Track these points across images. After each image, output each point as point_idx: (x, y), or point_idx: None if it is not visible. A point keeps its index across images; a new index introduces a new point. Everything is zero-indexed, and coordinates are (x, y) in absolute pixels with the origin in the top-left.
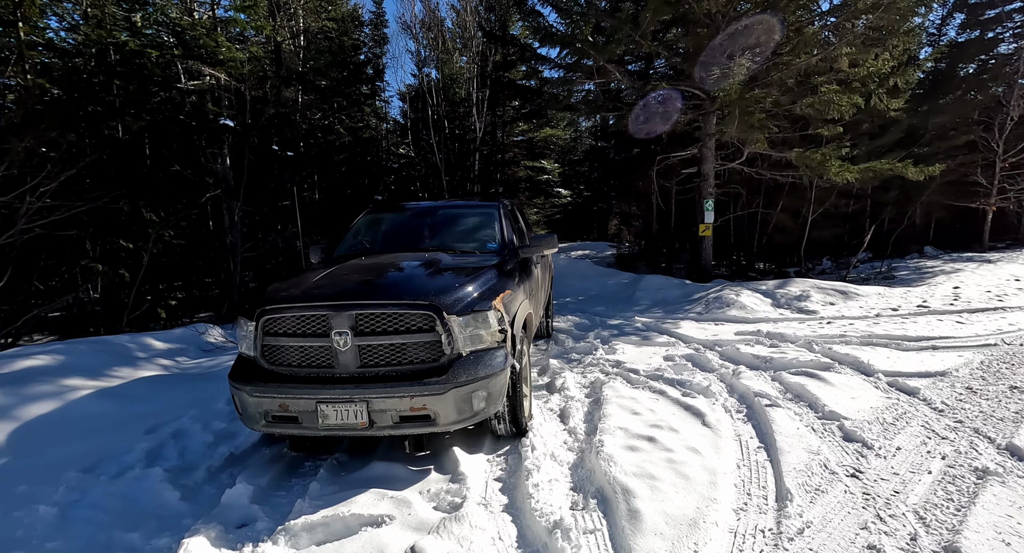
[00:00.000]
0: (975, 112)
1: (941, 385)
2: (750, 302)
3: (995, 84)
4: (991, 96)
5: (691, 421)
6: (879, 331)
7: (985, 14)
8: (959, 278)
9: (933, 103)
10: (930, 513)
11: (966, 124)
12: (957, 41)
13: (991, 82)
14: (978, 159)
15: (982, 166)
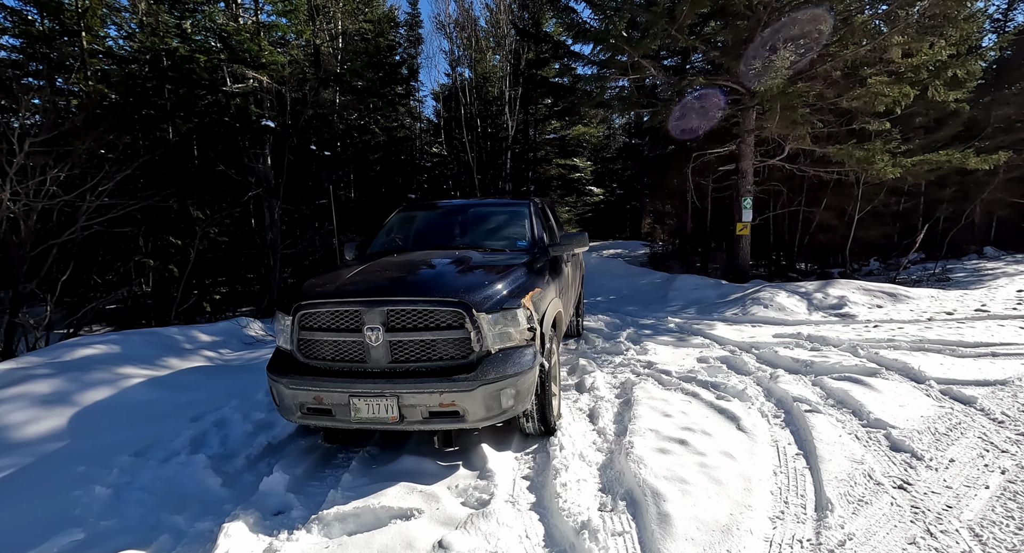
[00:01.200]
0: None
1: (1002, 395)
2: (789, 304)
3: None
4: None
5: (725, 425)
6: (932, 336)
7: None
8: (1022, 281)
9: (998, 93)
10: (987, 530)
11: None
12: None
13: None
14: None
15: None
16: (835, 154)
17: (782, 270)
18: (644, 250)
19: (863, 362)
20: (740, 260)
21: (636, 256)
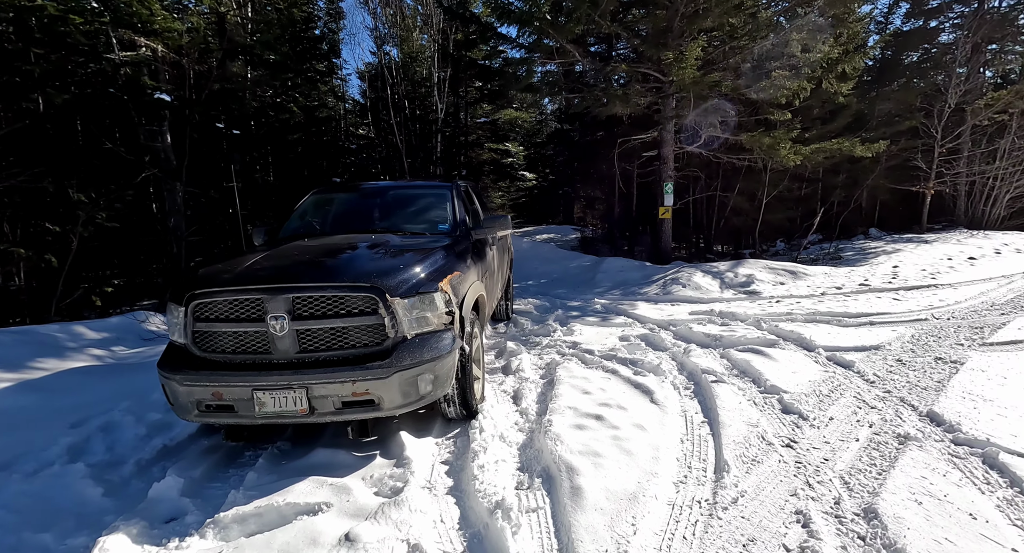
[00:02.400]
0: (917, 99)
1: (875, 358)
2: (704, 283)
3: (936, 73)
4: (932, 84)
5: (640, 399)
6: (823, 309)
7: (928, 4)
8: (898, 258)
9: (879, 90)
10: (854, 478)
11: (909, 110)
12: (902, 30)
13: (932, 71)
14: (918, 144)
15: (922, 151)
16: (746, 141)
17: (701, 252)
18: (576, 235)
19: (764, 334)
20: (663, 243)
21: (568, 240)
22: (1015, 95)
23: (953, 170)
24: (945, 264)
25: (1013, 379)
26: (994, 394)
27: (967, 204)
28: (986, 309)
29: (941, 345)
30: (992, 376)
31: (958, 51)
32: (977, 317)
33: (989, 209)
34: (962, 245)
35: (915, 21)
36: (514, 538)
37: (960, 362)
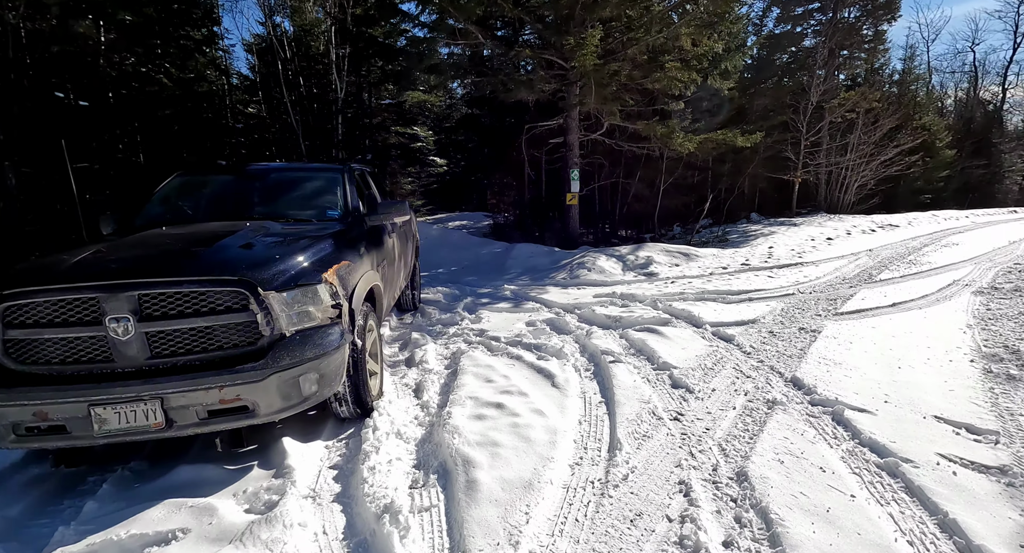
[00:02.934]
0: (787, 96)
1: (751, 331)
2: (608, 266)
3: (801, 73)
4: (798, 83)
5: (542, 383)
6: (710, 288)
7: (794, 11)
8: (773, 239)
9: (757, 87)
10: (730, 444)
11: (780, 107)
12: (774, 33)
13: (798, 71)
14: (788, 137)
15: (791, 143)
16: (643, 130)
17: (607, 236)
18: (488, 222)
19: (659, 314)
20: (571, 228)
21: (480, 227)
22: (860, 96)
23: (815, 161)
24: (809, 244)
25: (856, 343)
26: (842, 357)
27: (826, 191)
28: (839, 283)
29: (804, 316)
30: (842, 342)
31: (817, 55)
32: (832, 290)
33: (843, 196)
34: (822, 227)
35: (784, 26)
36: (402, 542)
37: (818, 331)
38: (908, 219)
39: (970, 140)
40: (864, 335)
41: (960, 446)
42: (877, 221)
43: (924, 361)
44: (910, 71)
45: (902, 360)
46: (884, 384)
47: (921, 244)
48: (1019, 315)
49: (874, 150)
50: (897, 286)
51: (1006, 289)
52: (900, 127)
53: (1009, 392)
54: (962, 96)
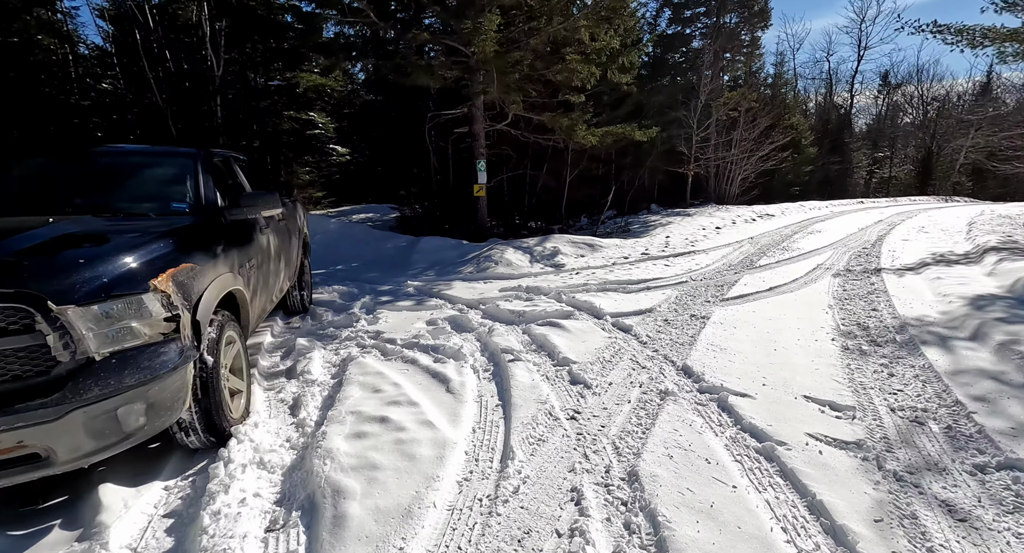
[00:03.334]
0: (680, 94)
1: (648, 321)
2: (515, 259)
3: (691, 73)
4: (689, 82)
5: (436, 389)
6: (612, 278)
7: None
8: (670, 229)
9: (653, 84)
10: (623, 441)
11: (674, 103)
12: (667, 33)
13: (689, 71)
14: (681, 133)
15: (684, 139)
16: (548, 122)
17: (516, 228)
18: (396, 214)
19: (562, 307)
20: (479, 220)
21: (387, 220)
22: (741, 96)
23: (705, 155)
24: (701, 233)
25: (740, 328)
26: (727, 343)
27: (715, 183)
28: (726, 269)
29: (695, 303)
30: (727, 327)
31: (705, 56)
32: (720, 277)
33: (729, 188)
34: (712, 217)
35: (676, 27)
36: None
37: (707, 317)
38: (782, 209)
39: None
40: (746, 319)
41: (825, 424)
42: (757, 211)
43: (795, 342)
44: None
45: (777, 342)
46: (763, 367)
47: (792, 232)
48: (867, 295)
49: (753, 146)
50: (774, 271)
51: (857, 271)
52: (774, 126)
53: (862, 367)
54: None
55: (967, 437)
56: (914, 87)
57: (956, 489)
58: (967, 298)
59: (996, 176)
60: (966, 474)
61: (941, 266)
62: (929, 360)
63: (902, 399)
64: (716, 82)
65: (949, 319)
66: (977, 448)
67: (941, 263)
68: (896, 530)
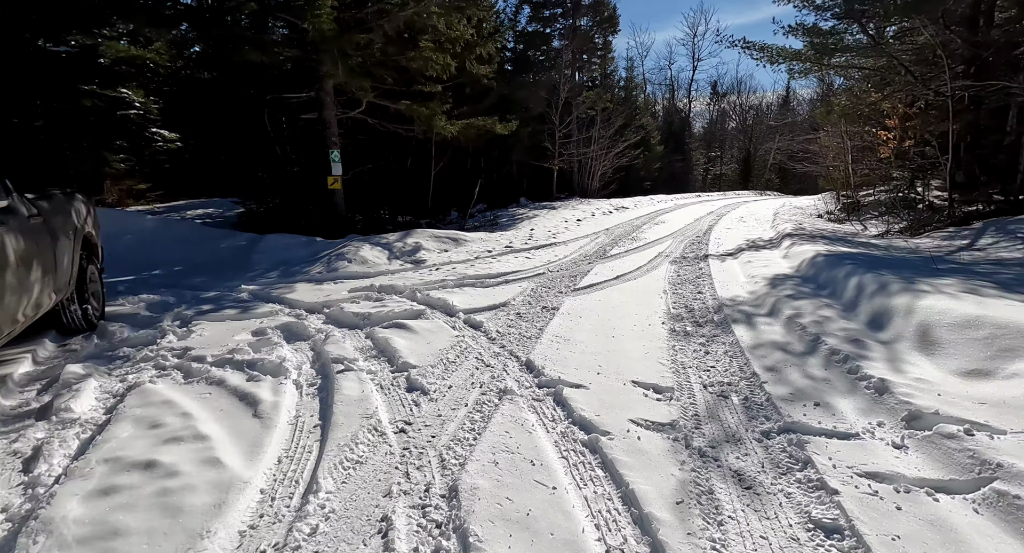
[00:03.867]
0: (542, 91)
1: (501, 315)
2: (372, 256)
3: (553, 71)
4: (551, 80)
5: (240, 415)
6: (472, 272)
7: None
8: (535, 222)
9: (517, 80)
10: (452, 451)
11: (538, 100)
12: (527, 30)
13: (551, 69)
14: (545, 129)
15: (548, 134)
16: (405, 110)
17: (382, 223)
18: (242, 209)
19: (414, 306)
20: (336, 215)
21: (230, 216)
22: (597, 96)
23: (568, 151)
24: (563, 226)
25: (585, 317)
26: (571, 333)
27: (578, 178)
28: (581, 260)
29: (548, 295)
30: (573, 317)
31: (564, 56)
32: (575, 267)
33: (591, 182)
34: (574, 210)
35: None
36: None
37: (557, 308)
38: (635, 202)
39: (672, 139)
40: (592, 308)
41: (647, 408)
42: (614, 204)
43: (632, 327)
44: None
45: (617, 329)
46: (600, 355)
47: (642, 223)
48: (696, 279)
49: (610, 143)
50: (622, 260)
51: (690, 258)
52: (627, 125)
53: (684, 348)
54: (665, 104)
55: (759, 406)
56: (736, 97)
57: (747, 458)
58: (768, 278)
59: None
60: (755, 441)
61: (752, 251)
62: (736, 337)
63: (713, 375)
64: (575, 81)
65: (755, 298)
66: (765, 415)
67: (752, 248)
68: (694, 510)
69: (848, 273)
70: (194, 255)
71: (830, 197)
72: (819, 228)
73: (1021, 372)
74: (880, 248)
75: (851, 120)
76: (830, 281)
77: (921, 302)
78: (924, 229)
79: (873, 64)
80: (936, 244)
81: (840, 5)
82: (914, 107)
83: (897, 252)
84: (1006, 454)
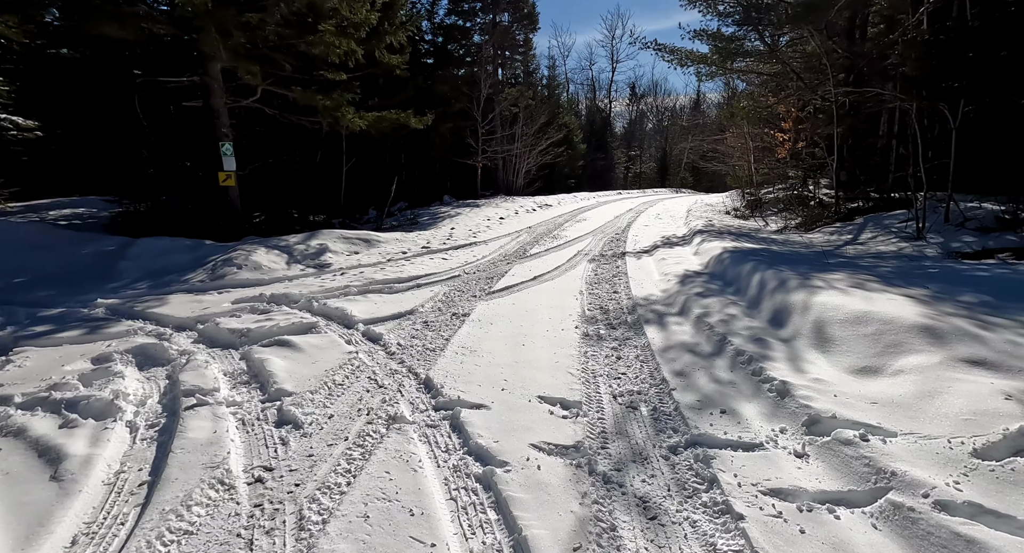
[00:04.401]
0: (463, 86)
1: (406, 325)
2: (267, 261)
3: (474, 66)
4: (472, 75)
5: (29, 480)
6: (380, 276)
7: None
8: (457, 220)
9: (437, 74)
10: (316, 504)
11: (459, 95)
12: (446, 23)
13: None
14: (468, 125)
15: (471, 131)
16: (300, 98)
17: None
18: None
19: (305, 318)
20: (230, 215)
21: (103, 217)
22: (519, 93)
23: (492, 148)
24: (485, 224)
25: (496, 323)
26: (479, 343)
27: (503, 175)
28: (500, 260)
29: (461, 299)
30: (484, 324)
31: (485, 52)
32: (493, 268)
33: (515, 180)
34: (498, 208)
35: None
36: None
37: (468, 315)
38: (559, 199)
39: (594, 138)
40: (505, 313)
41: (551, 429)
42: (538, 201)
43: (544, 333)
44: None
45: (528, 335)
46: (508, 367)
47: (564, 220)
48: (612, 278)
49: (534, 141)
50: (542, 260)
51: (608, 256)
52: (550, 123)
53: (596, 354)
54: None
55: (667, 416)
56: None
57: (653, 480)
58: (679, 276)
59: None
60: (661, 459)
61: (667, 248)
62: (648, 338)
63: (624, 384)
64: (496, 77)
65: (667, 296)
66: (672, 427)
67: (667, 245)
68: None
69: (751, 269)
70: (43, 264)
71: (736, 195)
72: (727, 225)
73: (906, 368)
74: (779, 243)
75: (752, 122)
76: (736, 278)
77: (816, 298)
78: (815, 224)
79: (770, 69)
80: (826, 238)
81: (740, 12)
82: (804, 111)
83: (793, 247)
84: (899, 460)
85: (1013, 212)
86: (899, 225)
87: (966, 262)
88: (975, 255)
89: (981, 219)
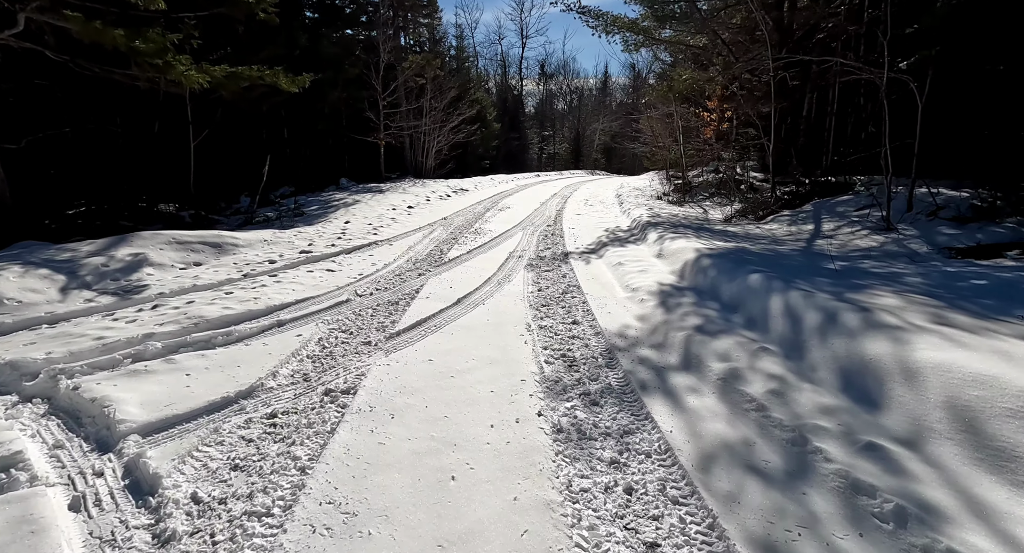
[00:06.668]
0: (358, 48)
1: (225, 432)
2: (20, 288)
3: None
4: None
5: None
6: (218, 311)
7: None
8: (355, 210)
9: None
10: None
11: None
12: None
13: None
14: (366, 95)
15: (370, 103)
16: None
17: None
18: None
19: (6, 434)
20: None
21: None
22: (426, 61)
23: (396, 123)
24: (389, 215)
25: (401, 414)
26: (367, 475)
27: (411, 155)
28: (409, 270)
29: (344, 355)
30: (378, 420)
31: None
32: (398, 285)
33: (425, 160)
34: (406, 194)
35: None
36: None
37: (352, 393)
38: (475, 183)
39: (507, 117)
40: (416, 385)
41: None
42: (452, 186)
43: (486, 438)
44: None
45: (459, 446)
46: (426, 549)
47: (485, 209)
48: (563, 295)
49: (444, 117)
50: (465, 267)
51: (548, 258)
52: (461, 97)
53: (589, 492)
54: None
55: None
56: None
57: None
58: (654, 293)
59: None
60: None
61: (616, 246)
62: (664, 433)
63: None
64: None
65: (651, 330)
66: None
67: (616, 242)
68: None
69: (760, 287)
70: None
71: (661, 177)
72: (672, 214)
73: None
74: (742, 238)
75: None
76: (738, 298)
77: (918, 355)
78: (761, 211)
79: (698, 41)
80: (787, 230)
81: None
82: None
83: (762, 243)
84: None
85: (990, 200)
86: (856, 213)
87: (977, 263)
88: (972, 252)
89: (955, 207)
